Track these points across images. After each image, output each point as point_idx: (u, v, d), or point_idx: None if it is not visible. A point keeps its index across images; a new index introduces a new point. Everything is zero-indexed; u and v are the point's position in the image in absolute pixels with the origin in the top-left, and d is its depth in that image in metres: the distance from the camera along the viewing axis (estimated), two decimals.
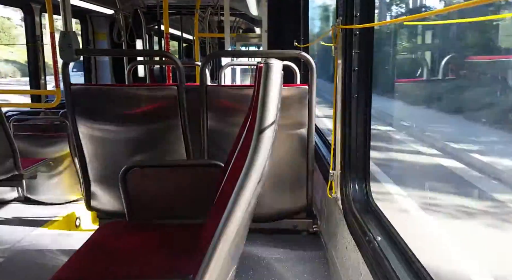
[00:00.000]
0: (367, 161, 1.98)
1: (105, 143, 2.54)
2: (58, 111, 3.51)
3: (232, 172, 1.28)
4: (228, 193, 0.98)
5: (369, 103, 1.94)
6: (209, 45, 8.85)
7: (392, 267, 1.40)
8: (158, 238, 1.63)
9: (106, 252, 1.54)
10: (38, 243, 2.62)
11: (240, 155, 1.26)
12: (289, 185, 2.58)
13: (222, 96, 2.50)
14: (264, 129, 0.95)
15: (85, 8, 5.53)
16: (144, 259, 1.48)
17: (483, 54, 5.14)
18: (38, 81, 4.66)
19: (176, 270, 1.40)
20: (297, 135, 2.48)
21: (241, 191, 0.94)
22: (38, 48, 4.66)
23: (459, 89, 5.90)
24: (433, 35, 6.79)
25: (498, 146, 4.87)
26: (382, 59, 6.61)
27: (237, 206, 0.94)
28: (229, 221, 0.94)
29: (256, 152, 0.95)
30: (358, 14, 1.84)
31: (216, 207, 1.33)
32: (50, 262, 2.37)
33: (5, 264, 2.38)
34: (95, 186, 2.64)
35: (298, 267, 2.27)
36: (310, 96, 2.40)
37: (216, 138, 2.50)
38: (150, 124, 2.53)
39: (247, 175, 0.94)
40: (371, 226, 1.70)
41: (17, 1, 4.58)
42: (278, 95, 0.98)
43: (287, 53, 2.54)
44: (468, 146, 5.19)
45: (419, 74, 7.09)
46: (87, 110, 2.47)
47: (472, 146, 5.13)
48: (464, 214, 3.87)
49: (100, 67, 6.51)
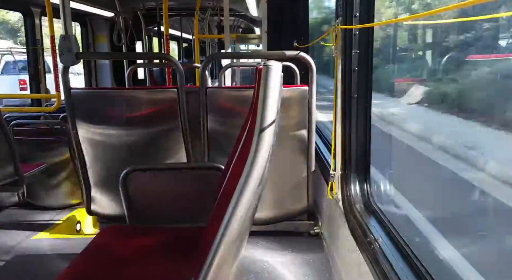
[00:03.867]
0: (368, 161, 1.97)
1: (105, 146, 2.54)
2: (58, 115, 3.50)
3: (233, 174, 1.28)
4: (229, 195, 0.97)
5: (369, 103, 1.94)
6: (209, 46, 8.86)
7: (394, 268, 1.39)
8: (159, 242, 1.63)
9: (107, 256, 1.53)
10: (39, 248, 2.61)
11: (240, 157, 1.26)
12: (290, 187, 2.57)
13: (222, 98, 2.50)
14: (264, 131, 0.95)
15: (85, 11, 5.54)
16: (145, 263, 1.47)
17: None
18: (38, 85, 4.66)
19: (178, 274, 1.40)
20: (297, 136, 2.47)
21: (242, 193, 0.94)
22: (38, 52, 4.66)
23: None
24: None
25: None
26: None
27: (238, 208, 0.94)
28: (230, 224, 0.94)
29: (257, 154, 0.94)
30: (357, 14, 1.83)
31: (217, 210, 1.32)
32: (51, 267, 2.36)
33: (6, 269, 2.37)
34: (96, 190, 2.63)
35: (300, 269, 2.27)
36: (310, 97, 2.39)
37: (216, 140, 2.49)
38: (150, 127, 2.52)
39: (248, 177, 0.94)
40: (372, 227, 1.69)
41: (17, 5, 4.58)
42: (278, 97, 0.98)
43: (286, 54, 2.53)
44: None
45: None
46: (87, 114, 2.47)
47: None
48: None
49: (100, 70, 6.52)
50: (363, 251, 1.62)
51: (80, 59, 2.40)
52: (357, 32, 1.86)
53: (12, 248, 2.60)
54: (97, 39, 6.38)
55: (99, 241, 1.65)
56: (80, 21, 6.14)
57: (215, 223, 1.07)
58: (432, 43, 3.93)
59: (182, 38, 8.31)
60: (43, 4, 3.99)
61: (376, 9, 1.93)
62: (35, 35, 4.60)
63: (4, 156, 2.61)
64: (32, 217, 3.16)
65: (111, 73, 6.51)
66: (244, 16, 7.63)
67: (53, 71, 4.23)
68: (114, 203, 2.61)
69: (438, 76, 3.86)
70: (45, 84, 4.75)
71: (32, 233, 2.85)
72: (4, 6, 5.02)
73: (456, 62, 3.43)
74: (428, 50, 4.09)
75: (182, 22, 7.74)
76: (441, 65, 3.78)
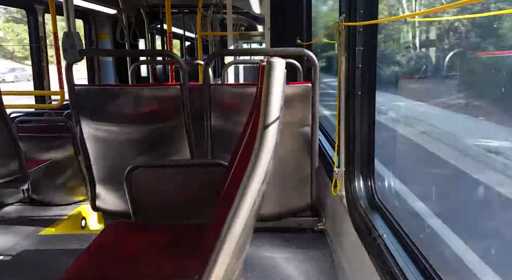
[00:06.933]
0: (372, 158, 1.97)
1: (109, 143, 2.54)
2: (62, 112, 3.51)
3: (236, 171, 1.28)
4: (233, 192, 0.97)
5: (373, 100, 1.93)
6: (212, 43, 8.85)
7: (398, 264, 1.39)
8: (163, 238, 1.63)
9: (112, 252, 1.54)
10: (44, 244, 2.63)
11: (244, 154, 1.26)
12: (293, 183, 2.57)
13: (225, 96, 2.50)
14: (268, 128, 0.95)
15: (88, 8, 5.54)
16: (150, 259, 1.48)
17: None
18: (42, 82, 4.67)
19: (182, 270, 1.41)
20: (301, 133, 2.47)
21: (246, 190, 0.94)
22: (41, 49, 4.67)
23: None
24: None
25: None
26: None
27: (242, 205, 0.94)
28: (234, 221, 0.94)
29: (260, 151, 0.94)
30: (361, 10, 1.83)
31: (220, 207, 1.32)
32: (56, 263, 2.38)
33: (12, 265, 2.39)
34: (100, 186, 2.64)
35: (304, 266, 2.27)
36: (313, 94, 2.39)
37: (219, 137, 2.49)
38: (154, 124, 2.53)
39: (252, 174, 0.94)
40: (376, 223, 1.69)
41: (21, 2, 4.59)
42: (281, 94, 0.98)
43: (290, 51, 2.52)
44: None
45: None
46: (91, 111, 2.47)
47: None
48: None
49: (104, 67, 6.53)
50: (367, 247, 1.62)
51: (83, 56, 2.41)
52: (361, 28, 1.85)
53: (18, 243, 2.62)
54: (100, 36, 6.39)
55: (104, 237, 1.66)
56: (83, 18, 6.15)
57: (219, 220, 1.07)
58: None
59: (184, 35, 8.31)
60: (46, 1, 3.99)
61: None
62: (38, 32, 4.61)
63: (9, 153, 2.62)
64: (37, 213, 3.18)
65: (114, 70, 6.51)
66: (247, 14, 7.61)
67: (57, 68, 4.24)
68: (119, 199, 2.62)
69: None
70: (49, 81, 4.76)
71: (37, 229, 2.86)
72: (8, 3, 5.03)
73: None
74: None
75: (185, 19, 7.74)
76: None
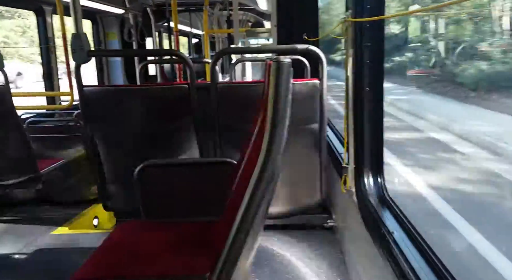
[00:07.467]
0: (381, 154, 1.96)
1: (118, 142, 2.57)
2: (73, 112, 3.55)
3: (246, 169, 1.28)
4: (242, 190, 0.98)
5: (381, 96, 1.92)
6: (219, 41, 8.85)
7: (409, 261, 1.39)
8: (174, 236, 1.65)
9: (124, 251, 1.56)
10: (57, 243, 2.67)
11: (253, 152, 1.26)
12: (303, 181, 2.57)
13: (233, 94, 2.50)
14: (276, 125, 0.95)
15: (95, 8, 5.58)
16: (162, 257, 1.49)
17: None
18: (52, 83, 4.71)
19: (193, 267, 1.42)
20: (309, 130, 2.46)
21: (256, 187, 0.94)
22: (50, 50, 4.71)
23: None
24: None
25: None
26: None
27: (252, 203, 0.94)
28: (244, 218, 0.95)
29: (269, 149, 0.95)
30: (368, 6, 1.82)
31: (230, 204, 1.33)
32: (69, 261, 2.41)
33: (25, 264, 2.43)
34: (111, 185, 2.67)
35: (315, 262, 2.27)
36: (321, 90, 2.38)
37: (228, 135, 2.50)
38: (163, 123, 2.54)
39: (261, 172, 0.94)
40: (387, 220, 1.69)
41: (30, 4, 4.63)
42: (288, 91, 0.98)
43: (297, 47, 2.52)
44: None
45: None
46: (100, 111, 2.50)
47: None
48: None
49: (112, 67, 6.58)
50: (378, 244, 1.61)
51: (91, 57, 2.42)
52: (368, 24, 1.84)
53: (32, 242, 2.66)
54: (108, 36, 6.44)
55: (116, 236, 1.68)
56: (91, 18, 6.19)
57: (229, 217, 1.08)
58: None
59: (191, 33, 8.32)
60: (55, 3, 4.02)
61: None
62: (47, 33, 4.65)
63: (21, 153, 2.66)
64: (50, 212, 3.23)
65: (122, 69, 6.56)
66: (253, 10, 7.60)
67: (66, 69, 4.28)
68: (130, 198, 2.64)
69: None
70: (58, 82, 4.81)
71: (51, 227, 2.91)
72: (17, 5, 5.08)
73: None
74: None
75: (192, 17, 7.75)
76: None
